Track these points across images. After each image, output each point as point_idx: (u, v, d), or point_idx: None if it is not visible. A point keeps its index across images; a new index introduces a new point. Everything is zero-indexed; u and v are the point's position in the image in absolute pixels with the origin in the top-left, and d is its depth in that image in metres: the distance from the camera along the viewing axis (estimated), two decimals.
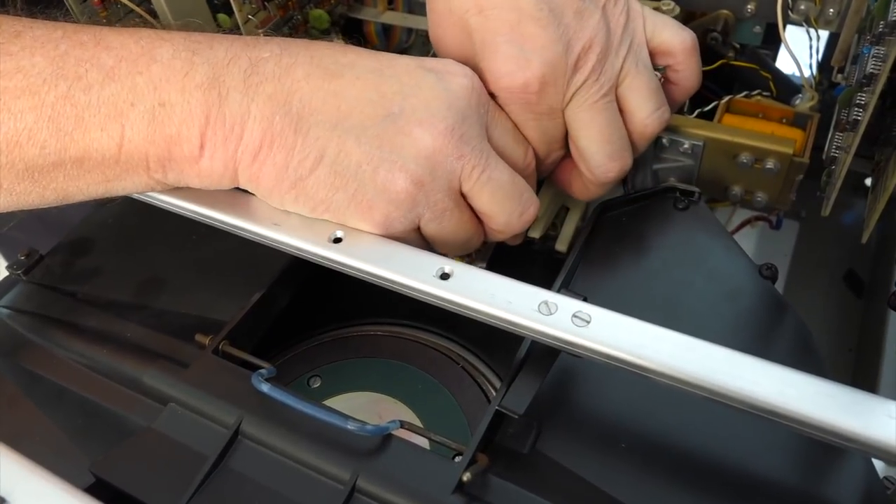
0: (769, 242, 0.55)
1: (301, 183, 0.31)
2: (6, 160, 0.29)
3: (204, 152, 0.30)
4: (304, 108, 0.31)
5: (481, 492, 0.29)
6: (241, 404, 0.32)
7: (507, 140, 0.35)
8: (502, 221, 0.34)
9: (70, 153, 0.30)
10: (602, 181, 0.38)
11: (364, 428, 0.30)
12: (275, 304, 0.39)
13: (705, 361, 0.27)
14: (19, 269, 0.42)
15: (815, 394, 0.26)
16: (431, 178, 0.32)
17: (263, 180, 0.31)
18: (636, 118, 0.37)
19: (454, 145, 0.32)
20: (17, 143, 0.29)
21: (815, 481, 0.30)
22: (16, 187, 0.31)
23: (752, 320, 0.35)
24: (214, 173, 0.31)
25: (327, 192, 0.31)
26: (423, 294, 0.31)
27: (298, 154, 0.30)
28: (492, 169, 0.33)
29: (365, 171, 0.31)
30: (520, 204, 0.34)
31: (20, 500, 0.28)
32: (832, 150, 0.38)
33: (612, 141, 0.36)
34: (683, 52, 0.38)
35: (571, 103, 0.35)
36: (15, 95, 0.28)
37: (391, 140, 0.31)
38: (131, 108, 0.29)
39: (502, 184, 0.33)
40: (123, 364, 0.36)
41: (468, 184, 0.33)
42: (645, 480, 0.31)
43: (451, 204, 0.33)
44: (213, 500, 0.30)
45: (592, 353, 0.28)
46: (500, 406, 0.31)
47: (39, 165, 0.30)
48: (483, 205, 0.34)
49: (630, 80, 0.36)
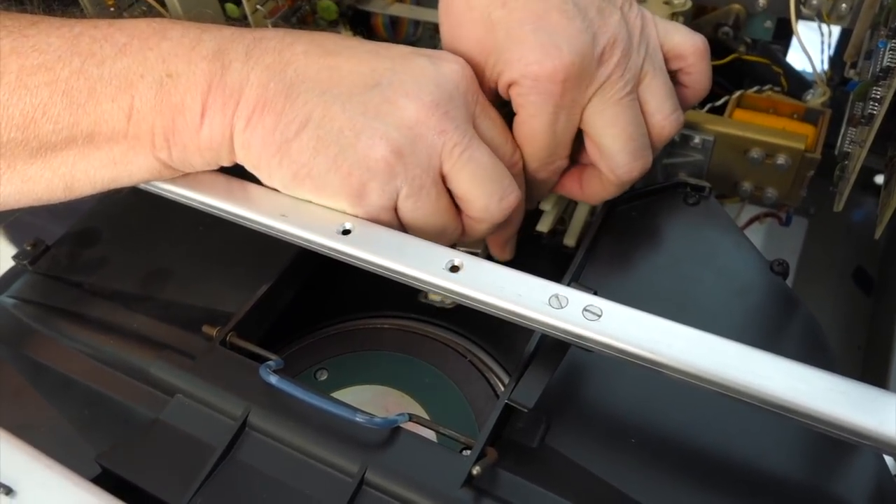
0: (778, 239, 0.55)
1: (286, 146, 0.31)
2: (21, 137, 0.30)
3: (204, 120, 0.31)
4: (297, 76, 0.32)
5: (490, 486, 0.29)
6: (248, 396, 0.32)
7: (494, 134, 0.35)
8: (481, 205, 0.34)
9: (82, 127, 0.31)
10: (623, 181, 0.37)
11: (373, 420, 0.30)
12: (282, 296, 0.39)
13: (717, 356, 0.27)
14: (25, 259, 0.42)
15: (828, 389, 0.26)
16: (412, 149, 0.31)
17: (253, 146, 0.32)
18: (655, 119, 0.36)
19: (437, 119, 0.32)
20: (32, 119, 0.30)
21: (826, 477, 0.30)
22: (28, 170, 0.31)
23: (763, 316, 0.35)
24: (214, 142, 0.32)
25: (309, 155, 0.31)
26: (433, 286, 0.31)
27: (286, 117, 0.31)
28: (473, 149, 0.33)
29: (347, 136, 0.31)
30: (500, 187, 0.34)
31: (26, 489, 0.28)
32: (845, 144, 0.38)
33: (636, 139, 0.36)
34: (695, 54, 0.38)
35: (595, 99, 0.34)
36: (30, 72, 0.30)
37: (376, 108, 0.31)
38: (141, 80, 0.31)
39: (483, 165, 0.33)
40: (130, 355, 0.36)
41: (449, 162, 0.32)
42: (654, 476, 0.30)
43: (429, 182, 0.32)
44: (221, 491, 0.30)
45: (603, 347, 0.28)
46: (509, 400, 0.31)
47: (52, 143, 0.31)
48: (462, 185, 0.33)
49: (649, 81, 0.36)
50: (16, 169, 0.31)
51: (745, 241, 0.38)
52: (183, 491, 0.30)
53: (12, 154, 0.31)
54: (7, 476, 0.28)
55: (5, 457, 0.29)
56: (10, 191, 0.32)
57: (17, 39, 0.30)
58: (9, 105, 0.30)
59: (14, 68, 0.30)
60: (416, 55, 0.34)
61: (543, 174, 0.37)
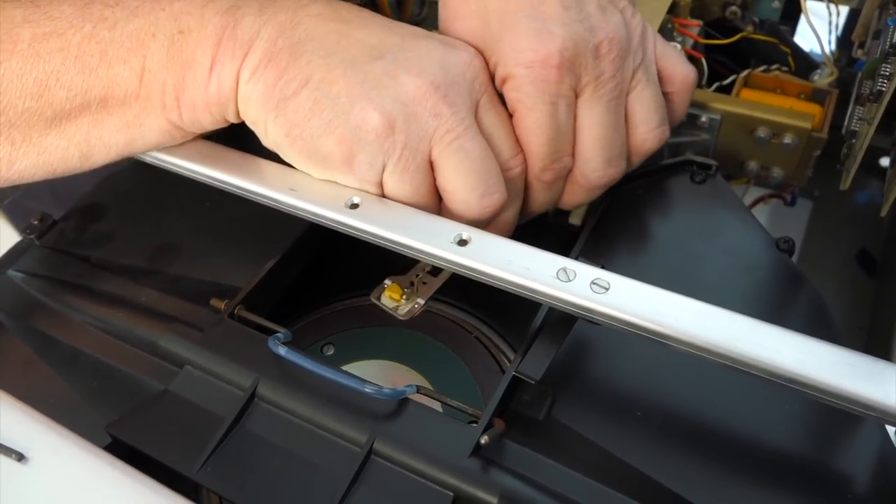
0: (782, 220, 0.55)
1: (283, 103, 0.31)
2: (36, 106, 0.30)
3: (213, 73, 0.32)
4: (305, 35, 0.32)
5: (497, 456, 0.29)
6: (257, 367, 0.32)
7: (496, 129, 0.33)
8: (460, 198, 0.33)
9: (95, 92, 0.31)
10: (594, 186, 0.36)
11: (381, 391, 0.30)
12: (290, 271, 0.39)
13: (725, 329, 0.27)
14: (33, 234, 0.42)
15: (835, 362, 0.26)
16: (404, 126, 0.31)
17: (253, 99, 0.32)
18: (639, 130, 0.35)
19: (434, 101, 0.31)
20: (46, 87, 0.30)
21: (830, 450, 0.30)
22: (43, 141, 0.32)
23: (769, 293, 0.35)
24: (222, 96, 0.32)
25: (304, 116, 0.31)
26: (441, 260, 0.31)
27: (287, 74, 0.31)
28: (466, 139, 0.32)
29: (343, 102, 0.31)
30: (484, 184, 0.32)
31: (39, 456, 0.28)
32: (853, 123, 0.38)
33: (614, 146, 0.35)
34: (683, 83, 0.37)
35: (585, 94, 0.33)
36: (42, 39, 0.30)
37: (376, 79, 0.31)
38: (153, 39, 0.31)
39: (472, 157, 0.32)
40: (138, 327, 0.36)
41: (438, 148, 0.32)
42: (659, 448, 0.31)
43: (415, 164, 0.32)
44: (230, 460, 0.30)
45: (611, 320, 0.28)
46: (517, 372, 0.31)
47: (67, 110, 0.31)
48: (446, 174, 0.32)
49: (640, 91, 0.35)
50: (32, 141, 0.31)
51: (751, 218, 0.38)
52: (193, 460, 0.30)
53: (28, 125, 0.31)
54: (19, 443, 0.28)
55: (17, 424, 0.29)
56: (27, 164, 0.32)
57: (28, 8, 0.30)
58: (22, 74, 0.30)
59: (27, 37, 0.30)
60: (429, 37, 0.33)
61: (549, 175, 0.35)
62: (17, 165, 0.32)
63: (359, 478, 0.29)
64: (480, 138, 0.32)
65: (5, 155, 0.31)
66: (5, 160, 0.32)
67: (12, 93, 0.30)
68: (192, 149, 0.36)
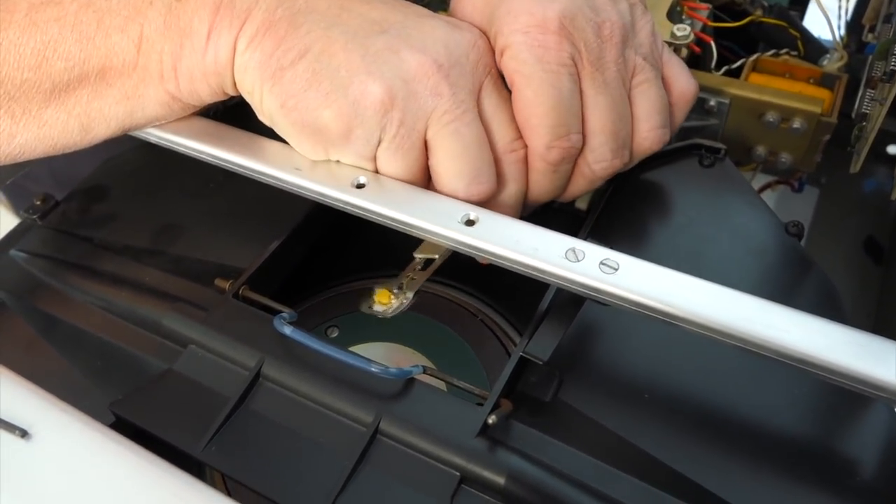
0: (789, 208, 0.55)
1: (280, 72, 0.31)
2: (35, 77, 0.30)
3: (210, 41, 0.31)
4: (306, 7, 0.31)
5: (504, 437, 0.29)
6: (261, 347, 0.32)
7: (495, 113, 0.32)
8: (448, 183, 0.32)
9: (93, 62, 0.31)
10: (597, 176, 0.35)
11: (388, 371, 0.30)
12: (294, 252, 0.39)
13: (735, 309, 0.27)
14: (35, 214, 0.42)
15: (846, 342, 0.26)
16: (403, 103, 0.30)
17: (249, 69, 0.31)
18: (641, 127, 0.34)
19: (435, 80, 0.31)
20: (44, 58, 0.30)
21: (838, 432, 0.30)
22: (43, 114, 0.31)
23: (778, 276, 0.35)
24: (218, 65, 0.31)
25: (301, 87, 0.30)
26: (448, 240, 0.31)
27: (285, 44, 0.30)
28: (462, 122, 0.31)
29: (342, 75, 0.30)
30: (474, 170, 0.32)
31: (42, 432, 0.28)
32: (863, 105, 0.38)
33: (619, 136, 0.34)
34: (681, 96, 0.36)
35: (588, 77, 0.32)
36: (40, 8, 0.30)
37: (377, 53, 0.30)
38: (150, 7, 0.31)
39: (466, 142, 0.31)
40: (142, 307, 0.36)
41: (434, 128, 0.31)
42: (667, 430, 0.30)
43: (409, 143, 0.31)
44: (235, 439, 0.30)
45: (621, 301, 0.28)
46: (524, 352, 0.31)
47: (65, 82, 0.31)
48: (437, 156, 0.32)
49: (645, 88, 0.34)
50: (31, 114, 0.31)
51: (760, 202, 0.38)
52: (197, 439, 0.30)
53: (27, 97, 0.30)
54: (23, 419, 0.28)
55: (20, 400, 0.29)
56: (28, 138, 0.32)
57: None
58: (20, 44, 0.30)
59: (24, 6, 0.29)
60: (433, 16, 0.33)
61: (555, 154, 0.33)
62: (17, 139, 0.32)
63: (364, 457, 0.29)
64: (478, 124, 0.32)
65: (6, 128, 0.31)
66: (6, 134, 0.31)
67: (10, 64, 0.30)
68: (196, 128, 0.35)
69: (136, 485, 0.26)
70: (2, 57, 0.30)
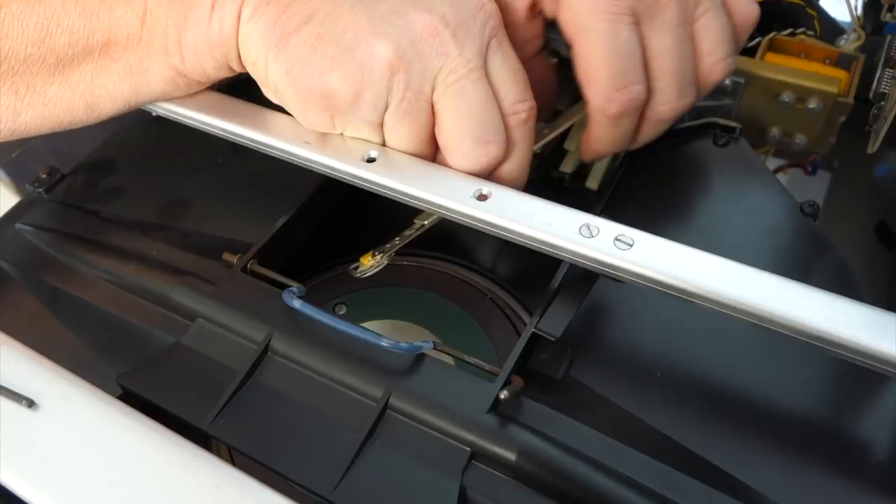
0: (801, 191, 0.54)
1: (285, 39, 0.30)
2: (38, 52, 0.30)
3: (214, 12, 0.30)
4: None
5: (515, 413, 0.29)
6: (270, 321, 0.32)
7: (503, 72, 0.32)
8: (455, 145, 0.31)
9: (97, 37, 0.30)
10: (663, 119, 0.34)
11: (398, 345, 0.29)
12: (303, 227, 0.39)
13: (752, 286, 0.26)
14: (40, 187, 0.42)
15: (864, 321, 0.25)
16: (409, 67, 0.30)
17: (254, 38, 0.30)
18: (707, 60, 0.34)
19: (442, 40, 0.30)
20: (47, 32, 0.30)
21: (852, 412, 0.30)
22: (48, 91, 0.31)
23: (793, 256, 0.35)
24: (224, 36, 0.31)
25: (307, 52, 0.30)
26: (460, 215, 0.30)
27: (290, 10, 0.30)
28: (468, 81, 0.30)
29: (348, 39, 0.29)
30: (482, 130, 0.31)
31: (49, 402, 0.28)
32: (882, 85, 0.37)
33: (685, 75, 0.33)
34: (744, 20, 0.35)
35: (648, 21, 0.32)
36: None
37: (383, 15, 0.30)
38: None
39: (471, 100, 0.30)
40: (149, 281, 0.35)
41: (440, 89, 0.30)
42: (679, 409, 0.30)
43: (416, 107, 0.30)
44: (243, 413, 0.30)
45: (635, 277, 0.28)
46: (536, 328, 0.30)
47: (70, 57, 0.30)
48: (443, 117, 0.31)
49: (709, 19, 0.33)
50: (36, 90, 0.31)
51: (775, 181, 0.37)
52: (206, 412, 0.30)
53: (31, 72, 0.30)
54: (29, 389, 0.28)
55: (27, 371, 0.28)
56: (33, 114, 0.32)
57: None
58: (23, 18, 0.29)
59: None
60: None
61: (615, 106, 0.32)
62: (22, 116, 0.32)
63: (374, 433, 0.29)
64: (484, 82, 0.31)
65: (10, 105, 0.31)
66: (10, 110, 0.31)
67: (13, 38, 0.29)
68: (207, 101, 0.35)
69: (144, 455, 0.26)
70: (4, 31, 0.29)
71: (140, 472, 0.25)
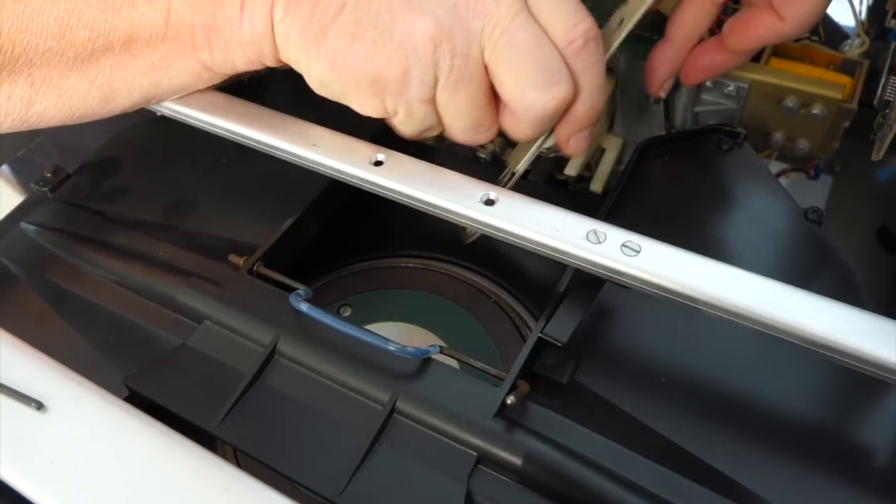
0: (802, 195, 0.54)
1: (322, 32, 0.29)
2: (58, 46, 0.29)
3: (244, 13, 0.30)
4: None
5: (521, 418, 0.29)
6: (277, 324, 0.32)
7: (546, 4, 0.30)
8: (519, 99, 0.30)
9: (119, 33, 0.30)
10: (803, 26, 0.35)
11: (405, 350, 0.30)
12: (309, 229, 0.39)
13: (758, 293, 0.27)
14: (45, 186, 0.41)
15: (868, 329, 0.26)
16: (451, 34, 0.29)
17: (292, 36, 0.30)
18: None
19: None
20: (67, 27, 0.29)
21: (855, 419, 0.30)
22: (64, 82, 0.31)
23: (797, 262, 0.35)
24: (256, 35, 0.30)
25: (347, 41, 0.29)
26: (467, 219, 0.31)
27: (322, 3, 0.29)
28: (515, 30, 0.29)
29: (384, 19, 0.29)
30: (543, 74, 0.29)
31: (57, 405, 0.28)
32: (887, 93, 0.37)
33: None
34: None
35: None
36: None
37: None
38: None
39: (525, 47, 0.29)
40: (155, 282, 0.35)
41: (489, 47, 0.29)
42: (683, 414, 0.30)
43: (469, 72, 0.29)
44: (250, 415, 0.30)
45: (642, 284, 0.28)
46: (542, 334, 0.30)
47: (89, 51, 0.30)
48: (499, 73, 0.30)
49: None
50: (52, 82, 0.30)
51: (779, 187, 0.37)
52: (212, 414, 0.30)
53: (48, 65, 0.30)
54: (37, 391, 0.28)
55: (35, 373, 0.29)
56: (47, 105, 0.31)
57: None
58: (43, 11, 0.29)
59: None
60: None
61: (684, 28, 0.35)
62: (36, 107, 0.31)
63: (381, 436, 0.29)
64: (531, 24, 0.29)
65: (24, 95, 0.31)
66: (24, 101, 0.31)
67: (33, 31, 0.29)
68: (213, 102, 0.35)
69: (153, 459, 0.26)
70: (24, 24, 0.29)
71: (150, 475, 0.26)
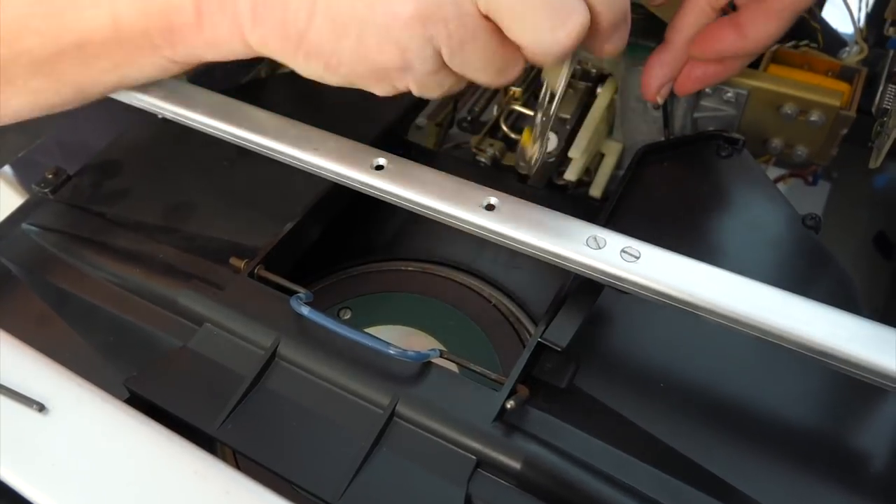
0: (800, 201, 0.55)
1: (305, 38, 0.28)
2: (10, 52, 0.29)
3: (203, 20, 0.29)
4: None
5: (520, 422, 0.29)
6: (277, 327, 0.32)
7: None
8: (538, 40, 0.27)
9: (67, 39, 0.30)
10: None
11: (405, 353, 0.30)
12: (309, 233, 0.39)
13: (756, 300, 0.27)
14: (46, 188, 0.42)
15: (866, 336, 0.26)
16: (435, 3, 0.26)
17: (271, 42, 0.29)
18: None
19: None
20: (16, 34, 0.29)
21: (852, 425, 0.30)
22: (30, 83, 0.31)
23: (794, 268, 0.35)
24: (222, 40, 0.29)
25: (331, 41, 0.28)
26: (468, 224, 0.31)
27: (291, 6, 0.28)
28: None
29: (360, 10, 0.27)
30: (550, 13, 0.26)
31: (59, 407, 0.28)
32: (885, 100, 0.37)
33: None
34: None
35: None
36: None
37: None
38: None
39: None
40: (156, 284, 0.36)
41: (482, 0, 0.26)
42: (681, 419, 0.31)
43: (471, 32, 0.27)
44: (251, 418, 0.30)
45: (643, 290, 0.28)
46: (542, 338, 0.30)
47: (43, 57, 0.30)
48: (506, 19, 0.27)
49: None
50: (18, 85, 0.31)
51: (777, 194, 0.38)
52: (213, 417, 0.30)
53: (10, 71, 0.30)
54: (39, 393, 0.28)
55: (37, 375, 0.29)
56: (22, 102, 0.32)
57: None
58: None
59: None
60: None
61: None
62: (10, 106, 0.32)
63: (381, 440, 0.29)
64: None
65: None
66: None
67: None
68: (214, 105, 0.35)
69: (152, 460, 0.26)
70: None
71: (150, 477, 0.26)
